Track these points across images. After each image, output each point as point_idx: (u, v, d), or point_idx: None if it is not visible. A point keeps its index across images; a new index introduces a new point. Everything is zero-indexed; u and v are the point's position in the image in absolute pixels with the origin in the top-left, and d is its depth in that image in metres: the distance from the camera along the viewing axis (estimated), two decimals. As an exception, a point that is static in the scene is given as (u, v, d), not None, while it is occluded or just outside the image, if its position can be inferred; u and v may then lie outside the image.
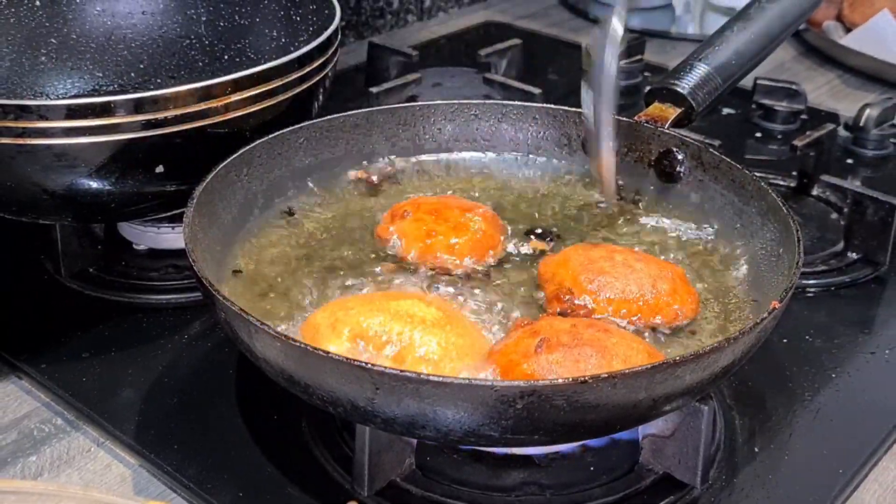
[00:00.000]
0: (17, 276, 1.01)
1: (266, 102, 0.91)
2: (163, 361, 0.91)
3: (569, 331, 0.75)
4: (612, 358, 0.73)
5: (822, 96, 1.50)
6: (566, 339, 0.74)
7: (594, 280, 0.82)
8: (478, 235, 0.89)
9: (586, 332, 0.74)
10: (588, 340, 0.74)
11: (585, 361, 0.72)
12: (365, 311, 0.76)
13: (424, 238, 0.88)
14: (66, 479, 0.80)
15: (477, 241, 0.89)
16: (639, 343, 0.76)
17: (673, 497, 0.78)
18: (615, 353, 0.73)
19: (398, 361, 0.73)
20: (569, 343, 0.73)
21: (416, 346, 0.74)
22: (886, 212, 1.05)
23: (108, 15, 1.17)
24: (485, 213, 0.91)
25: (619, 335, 0.76)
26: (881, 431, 0.85)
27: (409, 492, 0.77)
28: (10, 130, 0.83)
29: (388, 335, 0.74)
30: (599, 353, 0.73)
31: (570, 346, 0.73)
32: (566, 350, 0.73)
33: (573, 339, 0.74)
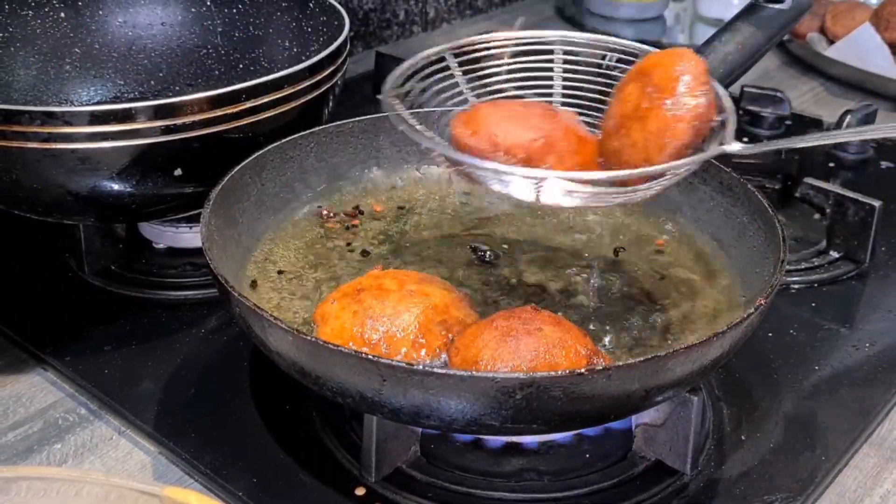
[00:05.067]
0: (42, 274, 1.01)
1: (279, 109, 0.91)
2: (181, 354, 0.90)
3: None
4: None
5: (805, 103, 1.49)
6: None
7: None
8: None
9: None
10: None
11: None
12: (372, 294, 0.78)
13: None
14: (89, 465, 0.80)
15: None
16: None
17: (664, 483, 0.78)
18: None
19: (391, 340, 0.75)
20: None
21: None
22: (866, 212, 1.05)
23: (130, 26, 1.17)
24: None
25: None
26: (861, 421, 0.85)
27: (414, 478, 0.77)
28: (37, 135, 0.83)
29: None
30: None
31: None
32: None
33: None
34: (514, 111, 0.81)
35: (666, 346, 0.81)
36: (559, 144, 0.79)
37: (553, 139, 0.79)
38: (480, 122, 0.79)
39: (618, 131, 0.80)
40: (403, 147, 1.01)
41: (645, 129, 0.77)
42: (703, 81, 0.77)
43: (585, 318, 0.84)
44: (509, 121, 0.79)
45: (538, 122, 0.80)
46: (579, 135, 0.82)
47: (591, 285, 0.88)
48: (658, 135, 0.77)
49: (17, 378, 0.89)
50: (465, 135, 0.79)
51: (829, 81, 1.58)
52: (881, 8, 1.62)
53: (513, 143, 0.78)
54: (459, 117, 0.81)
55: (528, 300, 0.85)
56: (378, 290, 0.78)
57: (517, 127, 0.79)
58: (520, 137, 0.78)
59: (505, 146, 0.78)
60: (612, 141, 0.81)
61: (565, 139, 0.80)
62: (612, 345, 0.81)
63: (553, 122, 0.81)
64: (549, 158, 0.78)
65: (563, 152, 0.79)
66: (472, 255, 0.92)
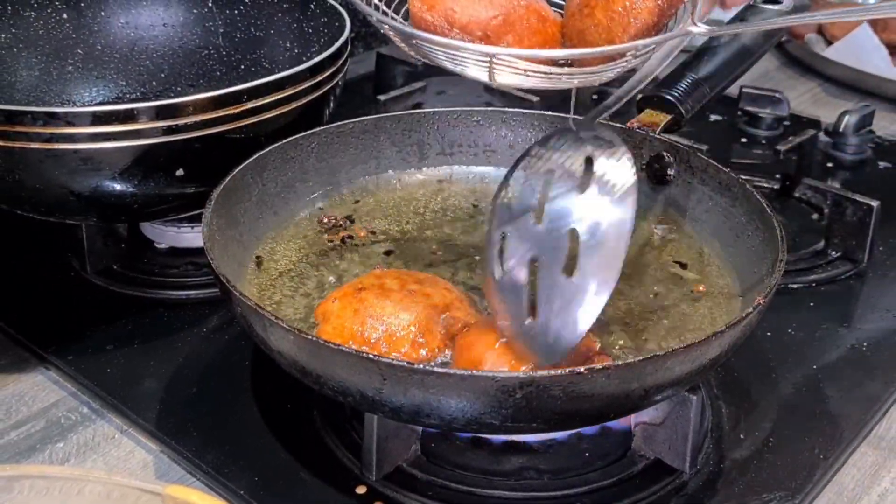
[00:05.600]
0: (44, 273, 1.01)
1: (280, 109, 0.91)
2: (182, 353, 0.90)
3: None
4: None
5: (803, 104, 1.49)
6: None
7: None
8: None
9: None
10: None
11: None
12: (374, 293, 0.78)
13: None
14: (92, 464, 0.80)
15: None
16: None
17: (663, 481, 0.78)
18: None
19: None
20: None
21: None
22: (864, 212, 1.05)
23: (132, 27, 1.17)
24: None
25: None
26: (860, 420, 0.85)
27: (414, 476, 0.77)
28: (39, 136, 0.83)
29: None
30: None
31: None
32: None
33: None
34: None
35: (664, 345, 0.81)
36: (519, 23, 0.77)
37: (512, 17, 0.76)
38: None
39: (581, 11, 0.77)
40: (404, 147, 1.01)
41: (609, 8, 0.75)
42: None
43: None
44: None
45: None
46: (541, 13, 0.79)
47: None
48: (623, 15, 0.74)
49: (19, 377, 0.89)
50: (421, 9, 0.76)
51: (827, 82, 1.58)
52: (879, 9, 1.62)
53: (470, 19, 0.75)
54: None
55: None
56: (379, 290, 0.78)
57: (475, 2, 0.76)
58: (478, 14, 0.76)
59: (461, 23, 0.75)
60: (576, 21, 0.78)
61: (525, 17, 0.77)
62: (612, 344, 0.81)
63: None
64: (508, 38, 0.76)
65: (523, 31, 0.77)
66: (473, 256, 0.92)
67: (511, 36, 0.76)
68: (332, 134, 0.97)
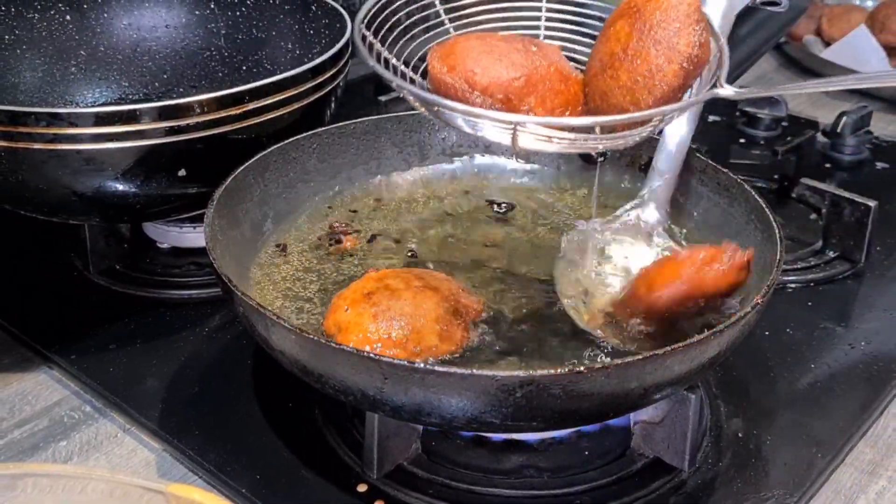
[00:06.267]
0: (48, 273, 1.01)
1: (282, 110, 0.91)
2: (185, 353, 0.91)
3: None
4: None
5: (801, 105, 1.49)
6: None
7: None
8: None
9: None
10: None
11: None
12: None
13: None
14: (94, 463, 0.80)
15: None
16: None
17: (662, 480, 0.78)
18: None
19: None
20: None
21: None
22: (862, 212, 1.05)
23: (134, 28, 1.17)
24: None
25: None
26: (857, 419, 0.85)
27: (415, 475, 0.77)
28: (42, 136, 0.83)
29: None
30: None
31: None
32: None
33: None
34: (494, 45, 0.75)
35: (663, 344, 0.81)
36: (541, 84, 0.75)
37: (534, 78, 0.74)
38: (458, 58, 0.74)
39: (605, 71, 0.74)
40: (405, 148, 1.01)
41: (634, 71, 0.72)
42: (698, 20, 0.72)
43: (583, 315, 0.84)
44: (488, 56, 0.74)
45: (519, 58, 0.75)
46: (563, 73, 0.77)
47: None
48: (648, 77, 0.72)
49: (22, 376, 0.89)
50: (441, 71, 0.74)
51: (825, 83, 1.57)
52: (877, 11, 1.62)
53: (491, 81, 0.73)
54: (436, 51, 0.76)
55: (531, 299, 0.85)
56: (388, 291, 0.78)
57: (496, 64, 0.74)
58: (499, 75, 0.73)
59: (482, 85, 0.73)
60: (599, 81, 0.75)
61: (547, 78, 0.75)
62: (611, 343, 0.81)
63: (535, 58, 0.75)
64: (530, 99, 0.74)
65: (545, 92, 0.75)
66: (474, 256, 0.92)
67: (533, 98, 0.74)
68: (334, 135, 0.97)
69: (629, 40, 0.73)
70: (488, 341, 0.80)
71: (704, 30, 0.72)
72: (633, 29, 0.73)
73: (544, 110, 0.75)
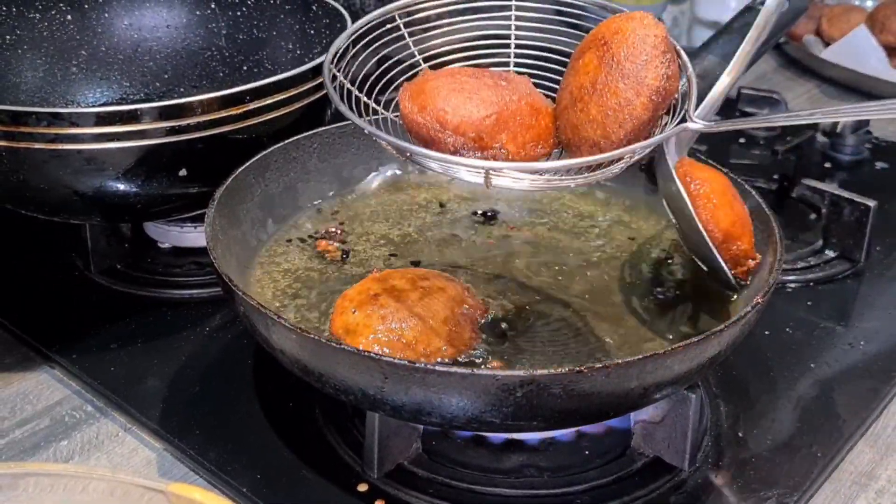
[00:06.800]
0: (49, 273, 1.01)
1: (282, 110, 0.91)
2: (185, 352, 0.90)
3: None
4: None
5: (801, 105, 1.49)
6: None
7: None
8: None
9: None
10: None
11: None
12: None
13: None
14: (96, 462, 0.80)
15: None
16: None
17: (663, 479, 0.78)
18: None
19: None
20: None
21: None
22: (861, 212, 1.05)
23: (135, 29, 1.17)
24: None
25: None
26: (857, 418, 0.85)
27: (415, 474, 0.77)
28: (44, 136, 0.83)
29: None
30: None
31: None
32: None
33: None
34: (464, 83, 0.75)
35: (664, 343, 0.81)
36: (512, 120, 0.74)
37: (505, 114, 0.74)
38: (428, 97, 0.74)
39: (575, 105, 0.74)
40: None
41: (604, 105, 0.72)
42: (664, 51, 0.72)
43: (584, 315, 0.84)
44: (458, 95, 0.74)
45: (489, 94, 0.75)
46: (533, 107, 0.76)
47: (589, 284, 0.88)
48: (617, 111, 0.72)
49: (24, 375, 0.89)
50: (412, 110, 0.74)
51: (824, 83, 1.58)
52: (876, 11, 1.62)
53: (462, 120, 0.73)
54: (406, 89, 0.76)
55: (531, 299, 0.85)
56: (394, 292, 0.77)
57: (467, 102, 0.73)
58: (470, 114, 0.73)
59: (453, 124, 0.73)
60: (570, 115, 0.75)
61: (518, 113, 0.75)
62: (611, 343, 0.81)
63: (505, 93, 0.75)
64: (502, 136, 0.74)
65: (517, 128, 0.74)
66: (475, 255, 0.92)
67: (505, 134, 0.74)
68: (334, 134, 0.97)
69: (598, 73, 0.73)
70: (490, 341, 0.80)
71: (672, 61, 0.73)
72: (601, 62, 0.73)
73: (516, 146, 0.75)
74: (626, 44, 0.72)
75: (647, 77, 0.71)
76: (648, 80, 0.71)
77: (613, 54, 0.72)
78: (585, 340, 0.81)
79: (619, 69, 0.72)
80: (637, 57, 0.71)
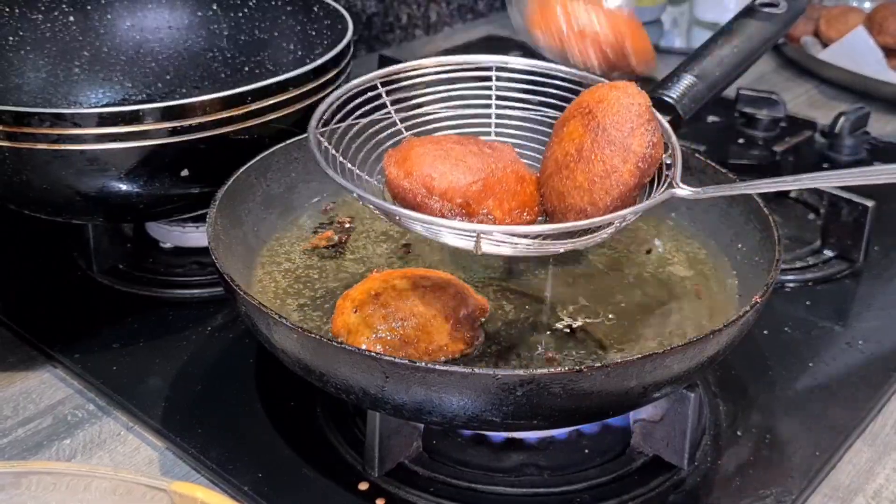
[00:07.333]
0: (51, 273, 1.01)
1: (284, 111, 0.91)
2: (187, 351, 0.90)
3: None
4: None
5: (800, 105, 1.49)
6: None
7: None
8: None
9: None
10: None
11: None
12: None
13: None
14: (98, 461, 0.80)
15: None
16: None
17: (662, 478, 0.78)
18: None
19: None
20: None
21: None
22: (860, 212, 1.05)
23: (137, 30, 1.17)
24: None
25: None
26: (855, 417, 0.85)
27: (416, 473, 0.77)
28: (46, 137, 0.83)
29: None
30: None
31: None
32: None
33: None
34: (450, 149, 0.76)
35: (663, 343, 0.81)
36: (498, 186, 0.75)
37: (491, 181, 0.74)
38: (413, 163, 0.74)
39: (560, 172, 0.75)
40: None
41: (590, 171, 0.73)
42: (649, 119, 0.73)
43: (583, 315, 0.84)
44: (445, 161, 0.74)
45: (475, 161, 0.75)
46: (518, 174, 0.77)
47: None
48: (604, 177, 0.72)
49: (26, 375, 0.89)
50: (398, 176, 0.74)
51: (823, 84, 1.58)
52: (874, 12, 1.62)
53: (449, 186, 0.73)
54: (391, 156, 0.76)
55: (531, 298, 0.85)
56: (395, 291, 0.77)
57: (454, 169, 0.74)
58: (457, 180, 0.73)
59: (440, 190, 0.73)
60: (555, 182, 0.76)
61: (504, 180, 0.75)
62: (610, 342, 0.81)
63: (490, 160, 0.76)
64: (488, 202, 0.74)
65: (503, 195, 0.75)
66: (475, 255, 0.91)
67: (491, 200, 0.74)
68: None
69: (583, 141, 0.74)
70: (490, 340, 0.80)
71: (656, 129, 0.74)
72: (586, 129, 0.74)
73: (502, 213, 0.75)
74: (610, 112, 0.73)
75: (633, 144, 0.72)
76: (635, 147, 0.72)
77: (599, 122, 0.73)
78: (585, 340, 0.81)
79: (605, 136, 0.73)
80: (622, 125, 0.72)
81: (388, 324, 0.75)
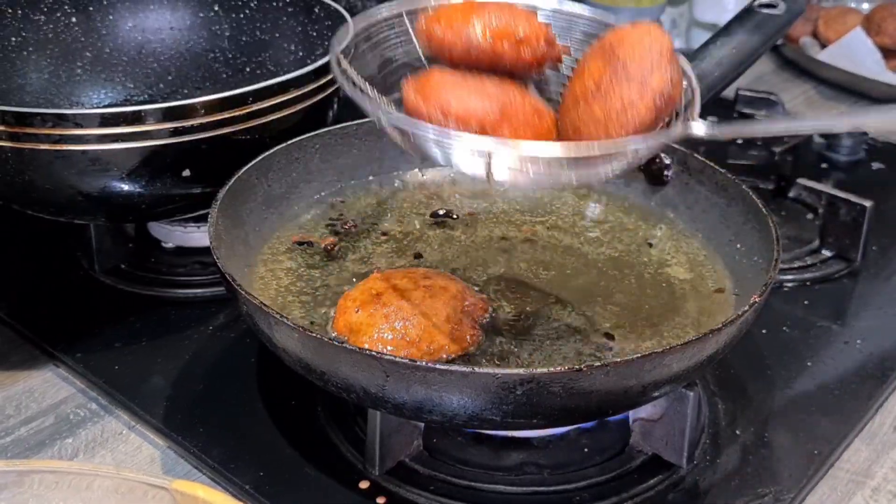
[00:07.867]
0: (54, 272, 1.01)
1: (285, 111, 0.91)
2: (189, 351, 0.90)
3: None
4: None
5: (798, 106, 1.49)
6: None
7: None
8: None
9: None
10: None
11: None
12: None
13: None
14: (100, 459, 0.80)
15: None
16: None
17: (661, 476, 0.78)
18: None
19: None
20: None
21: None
22: (858, 212, 1.05)
23: (139, 30, 1.17)
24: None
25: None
26: (853, 416, 0.85)
27: (417, 471, 0.77)
28: (49, 137, 0.83)
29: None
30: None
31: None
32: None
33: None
34: (468, 78, 0.75)
35: (662, 342, 0.81)
36: (514, 116, 0.73)
37: (509, 109, 0.73)
38: (432, 89, 0.73)
39: (577, 105, 0.74)
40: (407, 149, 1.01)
41: (607, 106, 0.72)
42: (669, 59, 0.72)
43: (583, 314, 0.84)
44: (462, 88, 0.73)
45: (493, 90, 0.74)
46: (536, 107, 0.76)
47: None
48: (621, 112, 0.71)
49: (29, 374, 0.89)
50: (415, 101, 0.73)
51: (821, 85, 1.57)
52: (873, 13, 1.62)
53: (466, 110, 0.72)
54: (410, 82, 0.75)
55: (531, 297, 0.85)
56: (397, 291, 0.78)
57: (471, 94, 0.73)
58: (474, 105, 0.72)
59: (457, 114, 0.72)
60: (572, 115, 0.75)
61: (522, 110, 0.74)
62: (610, 342, 0.81)
63: (509, 90, 0.75)
64: (504, 130, 0.73)
65: (519, 124, 0.73)
66: (476, 255, 0.92)
67: (507, 128, 0.73)
68: (337, 135, 0.97)
69: (602, 76, 0.73)
70: (490, 339, 0.80)
71: (676, 69, 0.73)
72: (606, 66, 0.73)
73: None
74: (632, 50, 0.72)
75: (652, 80, 0.71)
76: (653, 84, 0.71)
77: (620, 59, 0.72)
78: (585, 339, 0.81)
79: (624, 72, 0.72)
80: (643, 62, 0.72)
81: (389, 323, 0.75)
